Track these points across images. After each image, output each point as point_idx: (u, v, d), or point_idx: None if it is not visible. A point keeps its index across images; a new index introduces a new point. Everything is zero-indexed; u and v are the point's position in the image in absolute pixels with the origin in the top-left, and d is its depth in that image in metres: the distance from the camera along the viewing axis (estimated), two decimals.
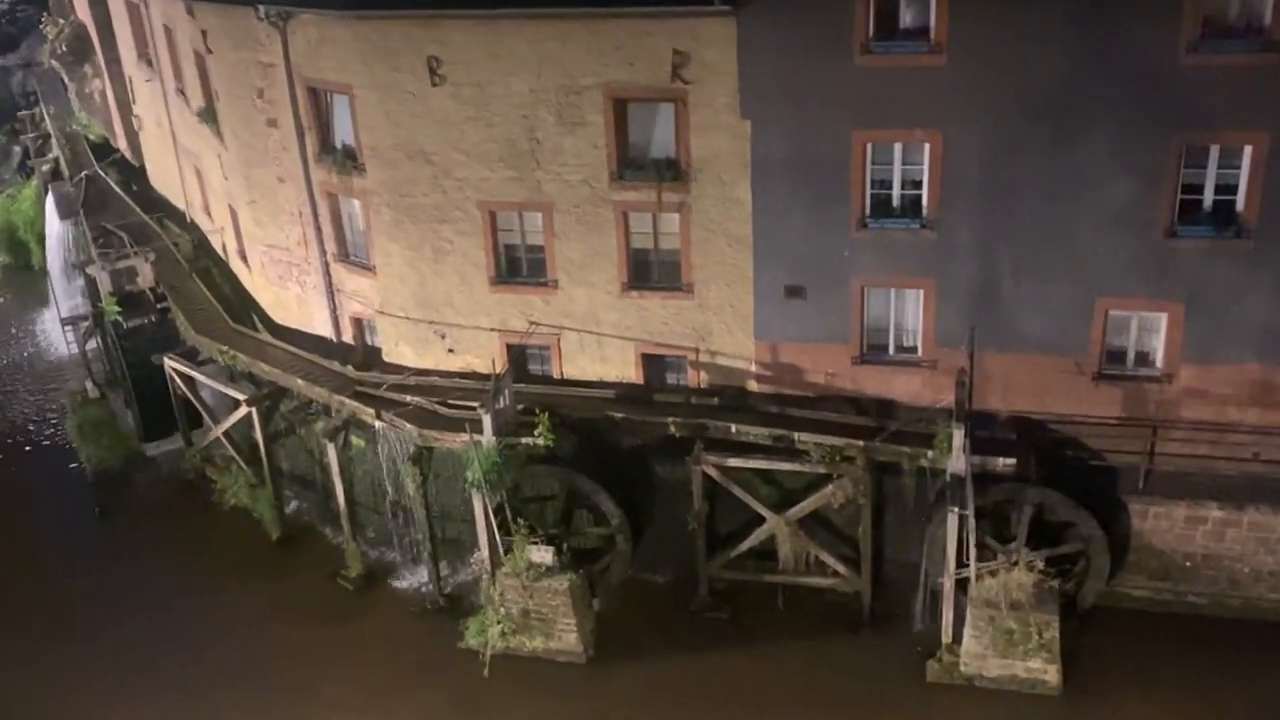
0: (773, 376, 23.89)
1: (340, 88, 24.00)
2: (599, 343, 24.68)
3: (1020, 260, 21.74)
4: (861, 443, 22.35)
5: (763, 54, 21.21)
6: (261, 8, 23.61)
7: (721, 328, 23.79)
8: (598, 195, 23.25)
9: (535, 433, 23.03)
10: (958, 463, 21.05)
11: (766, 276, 22.99)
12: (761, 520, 23.70)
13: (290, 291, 27.78)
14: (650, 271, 23.94)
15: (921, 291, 22.57)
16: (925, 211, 21.85)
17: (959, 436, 20.94)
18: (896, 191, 21.89)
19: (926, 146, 21.36)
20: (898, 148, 21.59)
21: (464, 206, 24.07)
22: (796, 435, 22.73)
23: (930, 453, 21.86)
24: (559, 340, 24.89)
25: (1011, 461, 21.69)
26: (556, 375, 25.27)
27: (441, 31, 22.55)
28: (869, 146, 21.57)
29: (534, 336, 24.83)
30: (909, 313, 22.97)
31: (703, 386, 24.39)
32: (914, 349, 23.21)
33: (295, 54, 24.09)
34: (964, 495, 21.05)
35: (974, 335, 21.53)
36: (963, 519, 21.22)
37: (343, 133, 24.73)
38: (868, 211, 22.08)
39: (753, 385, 24.14)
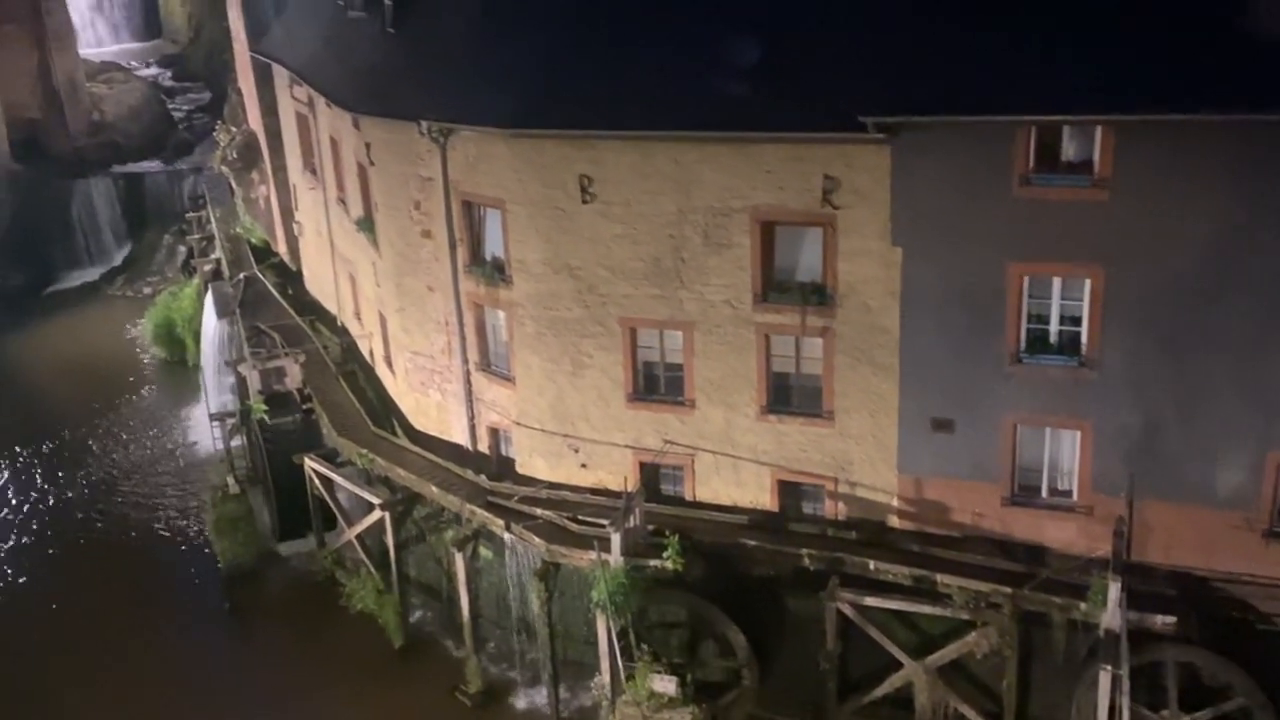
0: (916, 513, 22.99)
1: (494, 202, 24.49)
2: (734, 466, 24.18)
3: (1186, 406, 20.61)
4: (1009, 589, 21.30)
5: (917, 182, 20.92)
6: (424, 123, 24.38)
7: (863, 458, 23.07)
8: (740, 316, 23.02)
9: (664, 555, 22.62)
10: (1112, 617, 19.94)
11: (913, 407, 22.30)
12: (898, 665, 22.63)
13: (431, 398, 28.08)
14: (790, 396, 23.47)
15: (1078, 433, 21.55)
16: (1084, 349, 20.99)
17: (1115, 589, 19.84)
18: (1054, 327, 21.14)
19: (1087, 282, 20.62)
20: (1056, 282, 20.91)
21: (606, 322, 24.09)
22: (939, 577, 21.81)
23: (1083, 605, 20.74)
24: (693, 461, 24.47)
25: (1171, 620, 20.40)
26: (689, 497, 24.80)
27: (595, 151, 22.90)
28: (1026, 279, 20.94)
29: (668, 456, 24.47)
30: (1064, 454, 21.95)
31: (841, 518, 23.62)
32: (1068, 493, 22.10)
33: (453, 169, 24.73)
34: (1118, 653, 19.87)
35: (1134, 482, 20.45)
36: (1116, 678, 19.95)
37: (493, 245, 25.17)
38: (1023, 346, 21.31)
39: (894, 520, 23.26)
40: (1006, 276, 20.89)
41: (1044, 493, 22.29)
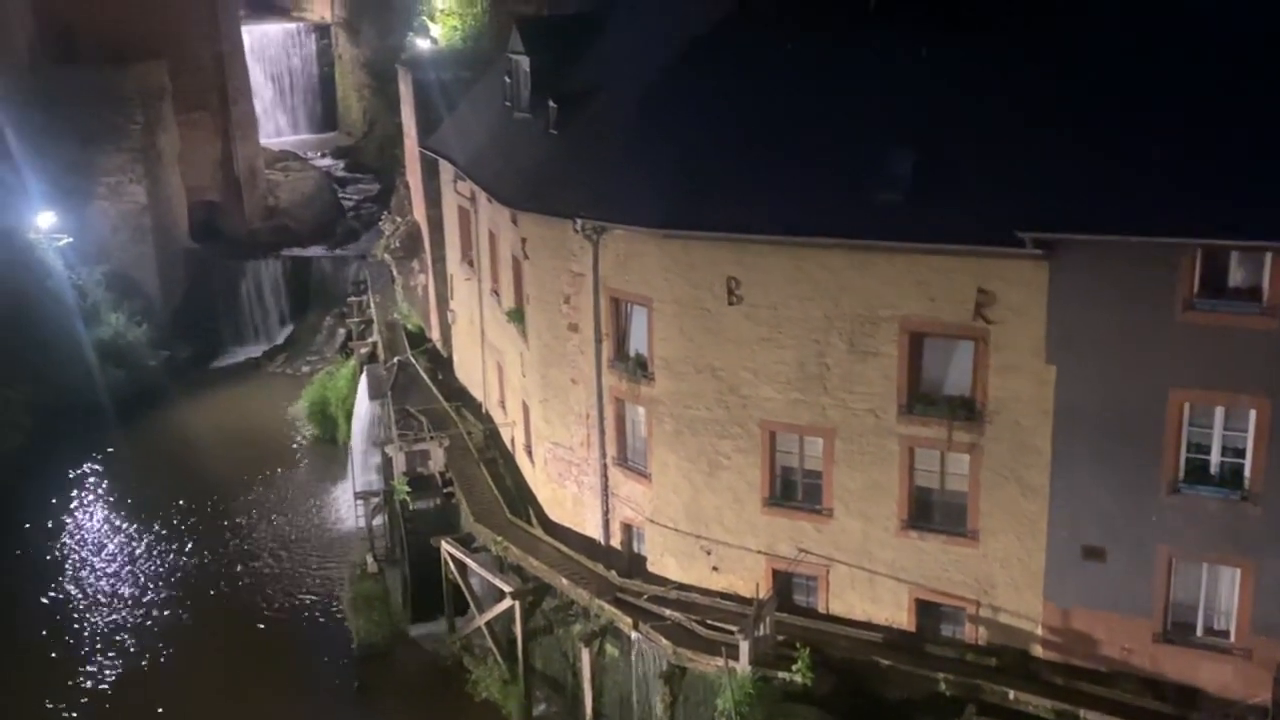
0: (1060, 643, 21.99)
1: (641, 300, 24.81)
2: (870, 580, 23.58)
3: None
4: None
5: (1075, 300, 20.44)
6: (579, 221, 24.97)
7: (1007, 582, 22.24)
8: (883, 426, 22.65)
9: (794, 668, 22.07)
10: None
11: (1062, 533, 21.47)
12: None
13: (567, 490, 28.26)
14: (932, 512, 22.89)
15: (1238, 570, 20.41)
16: (1247, 483, 19.98)
17: None
18: (1215, 457, 20.22)
19: (1252, 413, 19.71)
20: (1219, 411, 20.05)
21: (745, 424, 23.97)
22: (1083, 713, 20.79)
23: None
24: (828, 572, 23.97)
25: None
26: (821, 609, 24.24)
27: (743, 254, 23.07)
28: (1187, 407, 20.13)
29: (802, 565, 24.02)
30: (1222, 592, 20.82)
31: (980, 643, 22.75)
32: (1225, 633, 20.91)
33: (604, 266, 25.21)
34: None
35: None
36: None
37: (637, 342, 25.44)
38: (1181, 475, 20.41)
39: (1037, 650, 22.28)
40: (1167, 403, 20.13)
41: (1199, 631, 21.14)
